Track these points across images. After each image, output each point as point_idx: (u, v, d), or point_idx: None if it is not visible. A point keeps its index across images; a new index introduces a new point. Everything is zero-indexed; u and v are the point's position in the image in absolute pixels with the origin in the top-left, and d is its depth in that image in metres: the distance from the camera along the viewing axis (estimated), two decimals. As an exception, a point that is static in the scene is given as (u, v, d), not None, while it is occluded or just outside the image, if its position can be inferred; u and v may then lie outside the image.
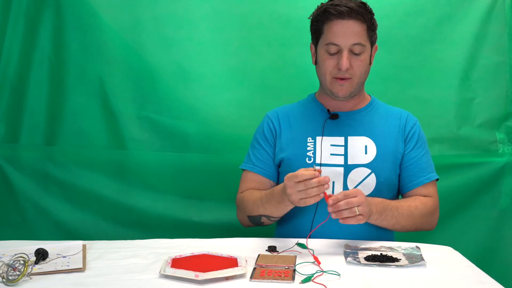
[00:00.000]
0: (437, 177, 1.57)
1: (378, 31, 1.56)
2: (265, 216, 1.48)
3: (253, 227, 1.58)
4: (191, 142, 2.00)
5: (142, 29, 1.98)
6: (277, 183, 1.62)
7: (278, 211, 1.45)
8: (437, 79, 2.02)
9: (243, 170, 1.65)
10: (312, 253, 1.25)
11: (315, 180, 1.26)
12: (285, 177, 1.31)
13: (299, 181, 1.27)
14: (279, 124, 1.63)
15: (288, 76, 2.02)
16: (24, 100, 1.97)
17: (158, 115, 2.00)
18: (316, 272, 1.13)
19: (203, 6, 1.99)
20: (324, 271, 1.14)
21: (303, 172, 1.28)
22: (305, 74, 1.98)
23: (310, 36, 1.59)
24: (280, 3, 2.00)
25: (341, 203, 1.28)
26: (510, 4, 1.99)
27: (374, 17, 1.53)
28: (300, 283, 1.09)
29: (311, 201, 1.28)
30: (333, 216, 1.29)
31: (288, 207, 1.41)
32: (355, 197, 1.29)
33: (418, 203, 1.50)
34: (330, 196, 1.29)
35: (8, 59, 1.94)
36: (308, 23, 1.58)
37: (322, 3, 1.54)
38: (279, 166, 1.61)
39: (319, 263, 1.20)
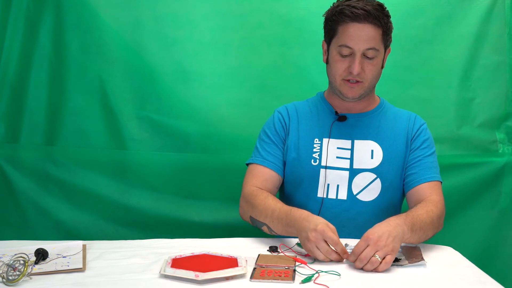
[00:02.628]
0: (441, 180, 1.54)
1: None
2: (268, 227, 1.42)
3: (252, 226, 1.57)
4: (191, 142, 2.00)
5: (142, 29, 1.98)
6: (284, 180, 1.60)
7: (283, 232, 1.38)
8: (437, 79, 2.02)
9: (250, 164, 1.58)
10: (295, 256, 1.24)
11: (340, 247, 1.21)
12: (319, 227, 1.22)
13: (326, 242, 1.21)
14: (289, 120, 1.60)
15: (288, 76, 2.01)
16: (24, 100, 1.96)
17: (158, 115, 2.00)
18: (316, 272, 1.13)
19: (203, 6, 1.99)
20: (324, 271, 1.14)
21: (334, 239, 1.21)
22: (305, 74, 1.98)
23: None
24: (280, 3, 1.99)
25: (356, 264, 1.18)
26: (510, 4, 1.99)
27: (390, 19, 1.49)
28: (300, 283, 1.09)
29: (319, 254, 1.22)
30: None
31: (293, 234, 1.34)
32: (367, 246, 1.18)
33: (431, 206, 1.41)
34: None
35: (8, 59, 1.93)
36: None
37: (338, 1, 1.50)
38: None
39: (305, 263, 1.20)
